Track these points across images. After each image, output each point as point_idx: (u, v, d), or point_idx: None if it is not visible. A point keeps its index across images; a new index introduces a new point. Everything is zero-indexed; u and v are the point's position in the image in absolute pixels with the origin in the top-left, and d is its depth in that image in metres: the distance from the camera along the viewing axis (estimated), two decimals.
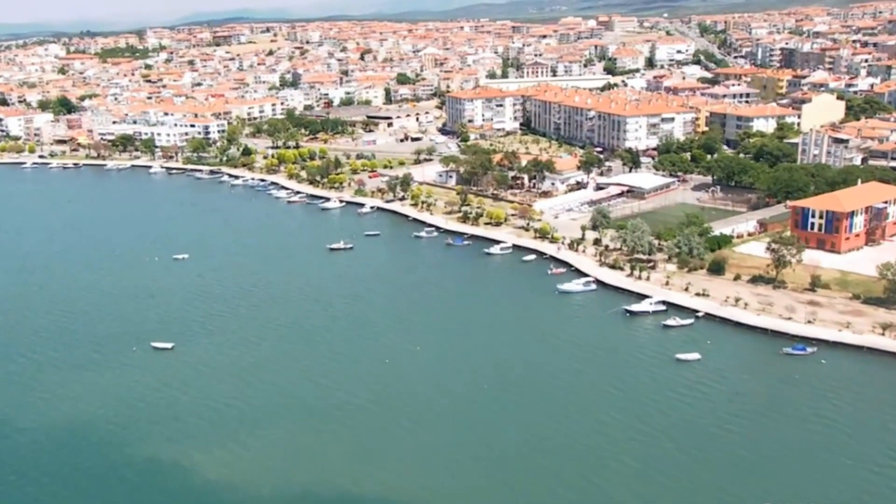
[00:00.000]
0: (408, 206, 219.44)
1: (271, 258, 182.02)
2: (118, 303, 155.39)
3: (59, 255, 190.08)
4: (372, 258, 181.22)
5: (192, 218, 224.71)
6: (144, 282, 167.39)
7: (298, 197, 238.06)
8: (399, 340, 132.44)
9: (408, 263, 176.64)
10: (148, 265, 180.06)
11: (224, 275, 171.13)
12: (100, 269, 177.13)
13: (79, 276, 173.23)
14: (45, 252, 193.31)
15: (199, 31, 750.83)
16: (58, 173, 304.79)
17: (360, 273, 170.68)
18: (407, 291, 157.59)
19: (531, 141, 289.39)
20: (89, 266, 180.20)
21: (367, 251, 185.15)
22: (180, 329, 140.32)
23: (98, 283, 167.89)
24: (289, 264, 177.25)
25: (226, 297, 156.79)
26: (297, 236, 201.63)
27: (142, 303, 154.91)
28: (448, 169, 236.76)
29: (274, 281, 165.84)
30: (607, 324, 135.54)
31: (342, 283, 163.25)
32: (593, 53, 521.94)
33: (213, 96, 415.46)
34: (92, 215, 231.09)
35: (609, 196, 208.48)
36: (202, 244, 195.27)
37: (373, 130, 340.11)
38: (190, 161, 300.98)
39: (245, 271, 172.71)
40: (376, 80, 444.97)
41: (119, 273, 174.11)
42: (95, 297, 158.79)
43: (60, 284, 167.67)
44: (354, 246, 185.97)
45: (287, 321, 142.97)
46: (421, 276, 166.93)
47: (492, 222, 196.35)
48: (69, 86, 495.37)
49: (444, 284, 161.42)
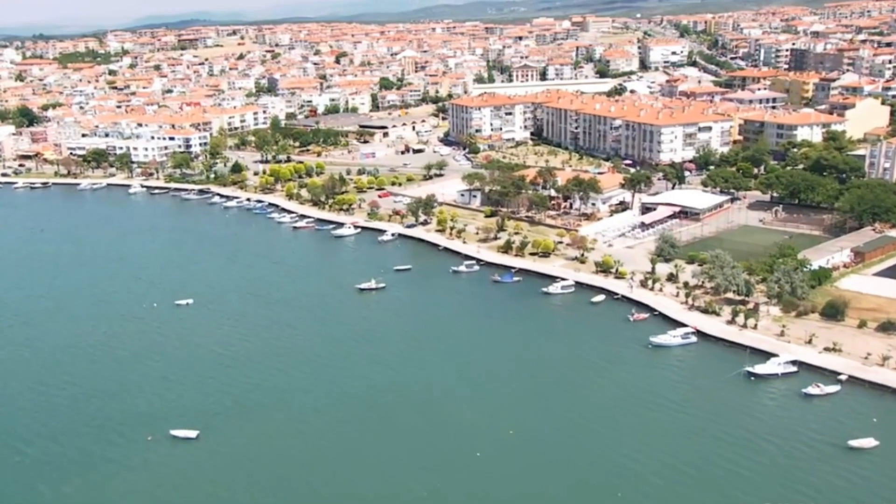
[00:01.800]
0: (433, 231, 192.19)
1: (293, 303, 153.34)
2: (120, 371, 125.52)
3: (37, 304, 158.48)
4: (410, 300, 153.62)
5: (188, 250, 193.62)
6: (147, 339, 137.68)
7: (306, 222, 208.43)
8: (484, 421, 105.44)
9: (454, 307, 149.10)
10: (146, 314, 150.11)
11: (242, 327, 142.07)
12: (90, 322, 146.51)
13: (65, 332, 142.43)
14: (20, 301, 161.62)
15: (162, 33, 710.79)
16: (25, 194, 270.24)
17: (401, 321, 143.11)
18: (468, 347, 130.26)
19: (547, 152, 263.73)
20: (76, 318, 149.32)
21: (401, 291, 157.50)
22: (204, 409, 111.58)
23: (90, 342, 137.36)
24: (316, 311, 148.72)
25: (251, 358, 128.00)
26: (316, 273, 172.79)
27: (149, 370, 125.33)
28: (472, 188, 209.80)
29: (303, 334, 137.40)
30: (731, 392, 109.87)
31: (385, 336, 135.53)
32: (580, 55, 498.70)
33: (187, 104, 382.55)
34: (70, 248, 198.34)
35: (661, 218, 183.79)
36: (206, 284, 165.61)
37: (368, 141, 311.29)
38: (173, 179, 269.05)
39: (266, 322, 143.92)
40: (360, 86, 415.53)
41: (114, 327, 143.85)
42: (90, 364, 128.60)
43: (44, 346, 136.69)
44: (386, 284, 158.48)
45: (335, 391, 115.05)
46: (477, 324, 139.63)
47: (538, 253, 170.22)
48: (29, 94, 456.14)
49: (508, 335, 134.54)
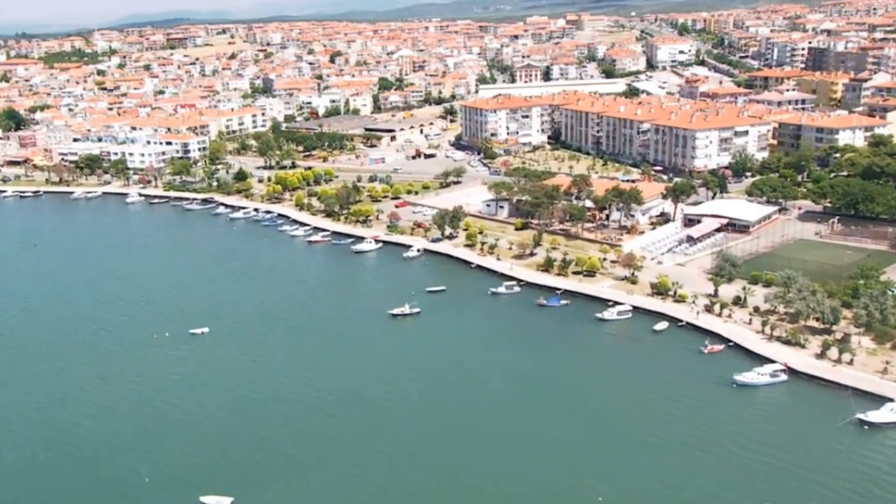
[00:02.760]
0: (462, 247, 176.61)
1: (320, 331, 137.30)
2: (136, 420, 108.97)
3: (33, 335, 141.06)
4: (448, 327, 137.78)
5: (197, 267, 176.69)
6: (162, 378, 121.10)
7: (321, 236, 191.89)
8: (563, 480, 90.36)
9: (499, 335, 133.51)
10: (158, 346, 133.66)
11: (267, 361, 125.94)
12: (94, 358, 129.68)
13: (67, 371, 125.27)
14: (13, 330, 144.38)
15: (150, 32, 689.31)
16: (14, 204, 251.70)
17: (443, 352, 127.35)
18: (522, 382, 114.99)
19: (567, 157, 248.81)
20: (78, 353, 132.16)
21: (438, 316, 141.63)
22: (236, 468, 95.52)
23: (97, 383, 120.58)
24: (347, 341, 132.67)
25: (282, 400, 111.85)
26: (341, 295, 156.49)
27: (169, 419, 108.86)
28: (498, 197, 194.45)
29: (336, 370, 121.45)
30: (847, 446, 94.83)
31: (427, 370, 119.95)
32: (581, 54, 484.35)
33: (182, 106, 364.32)
34: (67, 266, 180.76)
35: (709, 231, 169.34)
36: (221, 309, 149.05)
37: (375, 145, 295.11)
38: (173, 187, 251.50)
39: (292, 354, 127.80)
40: (359, 86, 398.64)
41: (122, 362, 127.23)
42: (100, 413, 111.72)
43: (43, 390, 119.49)
44: (421, 309, 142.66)
45: (380, 439, 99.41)
46: (528, 355, 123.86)
47: (582, 272, 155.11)
48: (15, 95, 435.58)
49: (565, 369, 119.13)
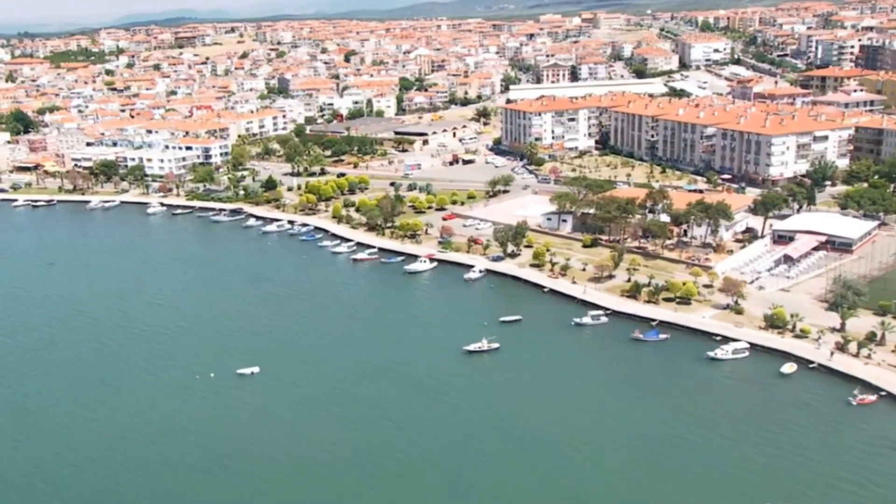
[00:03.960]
0: (528, 267, 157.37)
1: (388, 372, 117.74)
2: (183, 491, 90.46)
3: (52, 373, 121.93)
4: (535, 369, 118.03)
5: (235, 291, 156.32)
6: (211, 434, 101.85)
7: (367, 253, 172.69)
8: None
9: (597, 377, 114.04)
10: (202, 390, 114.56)
11: (330, 411, 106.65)
12: (127, 405, 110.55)
13: (100, 424, 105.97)
14: (30, 367, 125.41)
15: (158, 31, 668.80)
16: (26, 214, 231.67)
17: (534, 399, 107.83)
18: (638, 445, 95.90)
19: (620, 163, 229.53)
20: (108, 398, 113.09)
21: (519, 353, 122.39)
22: None
23: (133, 440, 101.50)
24: (421, 385, 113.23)
25: (357, 467, 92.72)
26: (402, 325, 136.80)
27: (225, 489, 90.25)
28: (562, 211, 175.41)
29: (414, 423, 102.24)
30: None
31: (520, 424, 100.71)
32: (605, 53, 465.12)
33: (197, 108, 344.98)
34: (89, 290, 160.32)
35: (807, 250, 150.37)
36: (269, 342, 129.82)
37: (407, 150, 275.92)
38: (196, 196, 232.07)
39: (360, 403, 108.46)
40: (381, 87, 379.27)
41: (161, 411, 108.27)
42: (143, 480, 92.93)
43: (72, 447, 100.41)
44: (500, 345, 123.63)
45: None
46: (637, 405, 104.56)
47: (675, 298, 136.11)
48: (22, 96, 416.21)
49: (688, 425, 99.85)
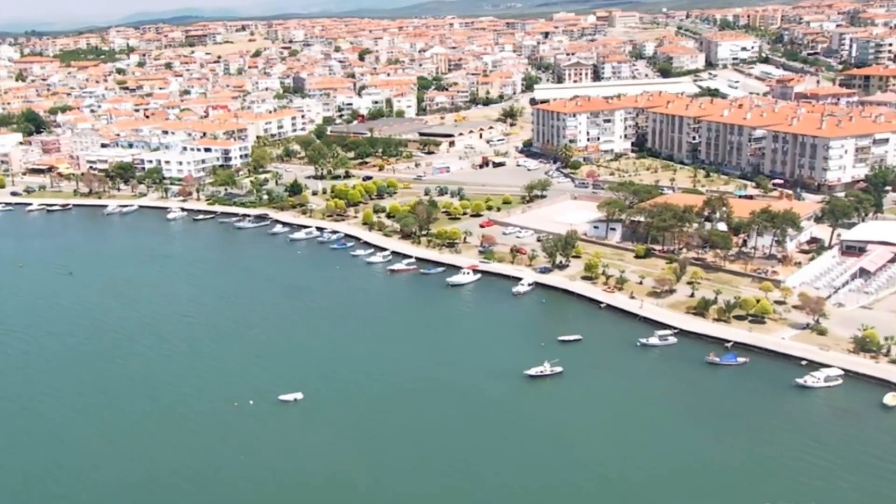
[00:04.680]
0: (579, 280, 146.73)
1: (443, 398, 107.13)
2: None
3: (80, 399, 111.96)
4: (605, 396, 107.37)
5: (269, 304, 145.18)
6: (258, 478, 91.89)
7: (405, 263, 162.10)
8: None
9: (679, 410, 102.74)
10: (242, 419, 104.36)
11: (384, 445, 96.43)
12: (160, 438, 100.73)
13: (128, 461, 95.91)
14: (56, 390, 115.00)
15: (168, 29, 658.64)
16: (41, 219, 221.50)
17: (608, 437, 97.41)
18: (733, 489, 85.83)
19: (660, 167, 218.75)
20: (135, 429, 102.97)
21: (585, 379, 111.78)
22: None
23: (169, 480, 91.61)
24: (482, 416, 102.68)
25: None
26: (452, 344, 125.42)
27: None
28: (610, 218, 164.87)
29: (483, 463, 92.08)
30: None
31: (597, 468, 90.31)
32: (626, 51, 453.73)
33: (213, 108, 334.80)
34: (112, 301, 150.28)
35: (883, 263, 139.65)
36: (310, 363, 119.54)
37: (433, 152, 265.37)
38: (218, 200, 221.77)
39: (422, 440, 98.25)
40: (400, 86, 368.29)
41: (199, 445, 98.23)
42: None
43: (96, 486, 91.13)
44: (563, 368, 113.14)
45: None
46: (732, 448, 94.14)
47: (748, 316, 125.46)
48: (33, 95, 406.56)
49: (787, 467, 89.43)
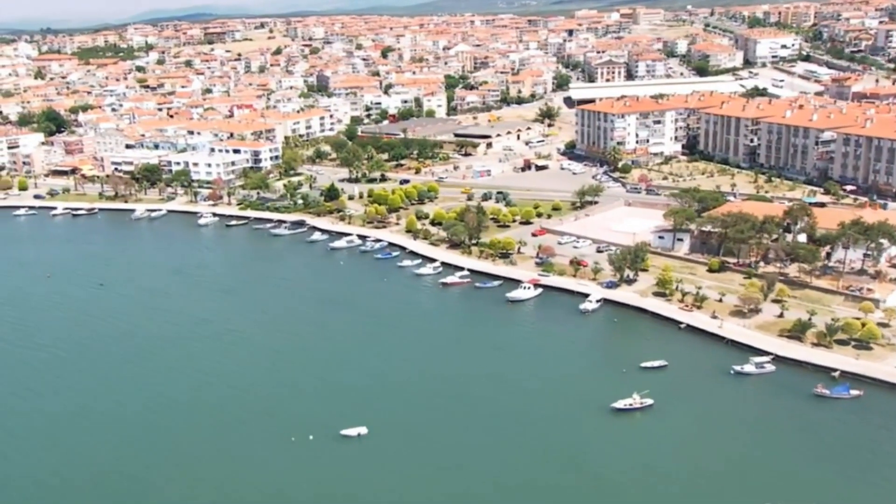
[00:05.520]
0: (651, 296, 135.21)
1: (526, 436, 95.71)
2: None
3: (117, 429, 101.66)
4: (703, 435, 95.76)
5: (318, 322, 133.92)
6: None
7: (459, 276, 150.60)
8: None
9: (795, 454, 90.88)
10: (302, 458, 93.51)
11: (467, 492, 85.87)
12: (212, 477, 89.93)
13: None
14: (91, 421, 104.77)
15: (186, 26, 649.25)
16: (66, 224, 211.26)
17: (714, 487, 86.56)
18: None
19: (716, 171, 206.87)
20: (182, 470, 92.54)
21: (677, 413, 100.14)
22: None
23: None
24: (568, 454, 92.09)
25: None
26: (522, 368, 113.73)
27: None
28: (678, 228, 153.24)
29: None
30: None
31: None
32: (655, 49, 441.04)
33: (238, 107, 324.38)
34: (148, 317, 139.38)
35: None
36: (371, 391, 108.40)
37: (470, 154, 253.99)
38: (250, 205, 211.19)
39: (507, 484, 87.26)
40: (427, 85, 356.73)
41: (252, 491, 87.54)
42: None
43: None
44: (654, 401, 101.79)
45: None
46: (851, 492, 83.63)
47: (850, 340, 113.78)
48: (53, 94, 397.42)
49: None
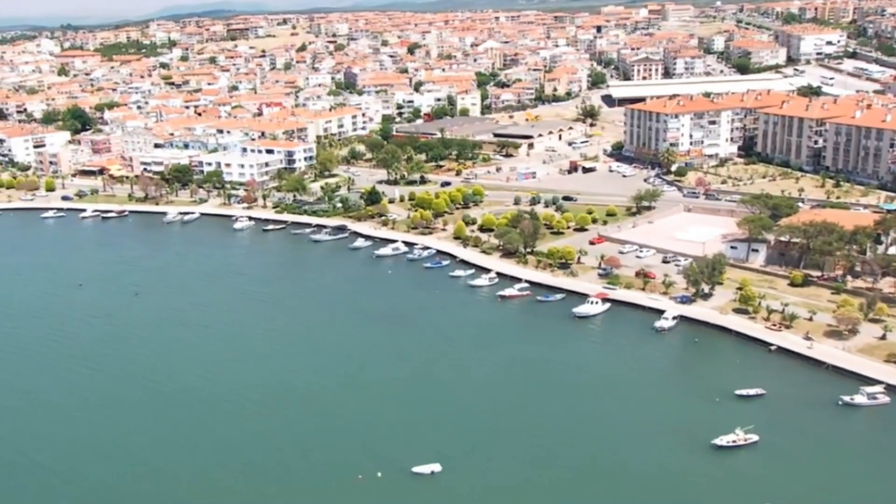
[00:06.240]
0: (731, 313, 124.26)
1: (617, 474, 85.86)
2: None
3: (160, 472, 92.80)
4: (819, 478, 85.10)
5: (377, 344, 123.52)
6: None
7: (517, 288, 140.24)
8: None
9: None
10: (368, 497, 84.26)
11: None
12: None
13: None
14: (143, 458, 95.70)
15: (209, 23, 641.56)
16: (96, 227, 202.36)
17: None
18: None
19: (779, 175, 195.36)
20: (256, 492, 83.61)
21: (787, 452, 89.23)
22: None
23: None
24: (671, 499, 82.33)
25: None
26: (601, 395, 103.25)
27: None
28: (753, 238, 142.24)
29: None
30: None
31: None
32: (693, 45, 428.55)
33: (267, 105, 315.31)
34: (186, 331, 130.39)
35: None
36: (443, 422, 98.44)
37: (512, 154, 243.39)
38: (287, 208, 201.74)
39: None
40: (459, 83, 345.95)
41: None
42: None
43: None
44: (759, 437, 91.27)
45: None
46: None
47: None
48: (77, 90, 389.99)
49: None
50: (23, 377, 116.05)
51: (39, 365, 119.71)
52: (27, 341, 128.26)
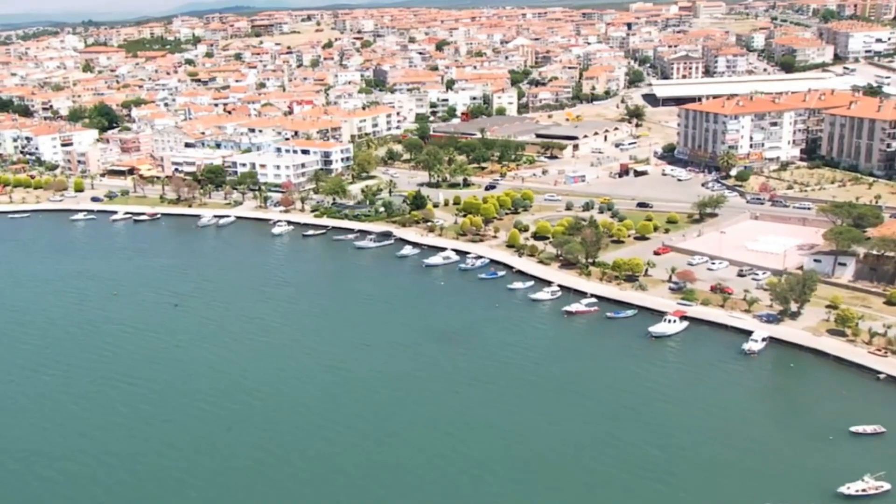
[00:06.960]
0: (825, 335, 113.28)
1: None
2: None
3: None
4: None
5: (429, 358, 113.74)
6: None
7: (585, 304, 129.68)
8: None
9: None
10: None
11: None
12: None
13: None
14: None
15: (233, 19, 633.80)
16: (128, 231, 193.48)
17: None
18: None
19: (848, 180, 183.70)
20: None
21: None
22: None
23: None
24: None
25: None
26: (695, 432, 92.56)
27: None
28: (840, 251, 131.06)
29: None
30: None
31: None
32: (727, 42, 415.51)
33: (298, 103, 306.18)
34: (232, 347, 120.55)
35: None
36: (527, 471, 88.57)
37: (556, 156, 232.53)
38: (327, 212, 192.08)
39: None
40: (494, 81, 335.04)
41: None
42: None
43: None
44: (891, 487, 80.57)
45: None
46: None
47: None
48: (102, 87, 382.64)
49: None
50: (59, 398, 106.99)
51: (75, 385, 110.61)
52: (64, 356, 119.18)
